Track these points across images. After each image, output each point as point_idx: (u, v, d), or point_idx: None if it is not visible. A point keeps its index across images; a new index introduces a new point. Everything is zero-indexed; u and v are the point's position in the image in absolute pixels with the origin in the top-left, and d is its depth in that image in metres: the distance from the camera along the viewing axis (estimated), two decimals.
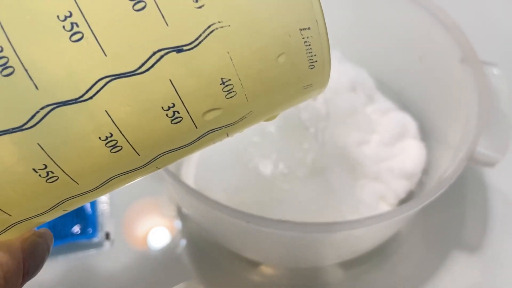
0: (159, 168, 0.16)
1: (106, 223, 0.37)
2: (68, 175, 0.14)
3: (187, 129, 0.14)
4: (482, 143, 0.28)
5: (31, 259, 0.18)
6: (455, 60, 0.33)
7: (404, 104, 0.41)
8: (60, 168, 0.13)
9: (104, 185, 0.15)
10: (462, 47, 0.33)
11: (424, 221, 0.37)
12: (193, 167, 0.38)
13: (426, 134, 0.37)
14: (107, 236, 0.37)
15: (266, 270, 0.35)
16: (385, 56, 0.41)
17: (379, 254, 0.35)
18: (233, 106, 0.14)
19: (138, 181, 0.40)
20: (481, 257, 0.36)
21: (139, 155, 0.14)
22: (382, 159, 0.36)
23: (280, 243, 0.30)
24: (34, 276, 0.18)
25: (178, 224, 0.38)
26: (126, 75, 0.12)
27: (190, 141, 0.15)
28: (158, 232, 0.38)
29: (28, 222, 0.15)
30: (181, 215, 0.38)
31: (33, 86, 0.12)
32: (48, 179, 0.13)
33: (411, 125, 0.38)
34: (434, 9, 0.35)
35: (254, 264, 0.35)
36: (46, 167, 0.13)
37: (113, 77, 0.12)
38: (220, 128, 0.15)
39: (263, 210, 0.34)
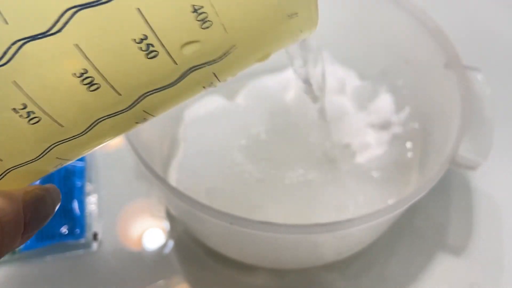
0: (149, 115, 0.15)
1: (94, 224, 0.37)
2: (49, 116, 0.13)
3: (165, 65, 0.13)
4: (464, 147, 0.29)
5: (33, 212, 0.17)
6: (439, 64, 0.34)
7: None
8: (39, 107, 0.13)
9: (91, 129, 0.15)
10: (447, 52, 0.33)
11: (408, 224, 0.37)
12: (175, 169, 0.38)
13: (411, 137, 0.38)
14: (95, 236, 0.37)
15: (255, 271, 0.36)
16: (372, 59, 0.42)
17: (363, 257, 0.36)
18: (212, 38, 0.13)
19: (127, 182, 0.40)
20: (465, 260, 0.36)
21: (120, 95, 0.14)
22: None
23: (263, 245, 0.30)
24: (35, 232, 0.18)
25: (166, 225, 0.38)
26: (92, 4, 0.12)
27: (173, 80, 0.14)
28: (146, 233, 0.38)
29: (24, 169, 0.15)
30: (169, 216, 0.38)
31: (3, 21, 0.12)
32: (30, 119, 0.13)
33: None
34: (419, 13, 0.35)
35: (242, 265, 0.35)
36: (25, 106, 0.13)
37: (79, 7, 0.12)
38: (203, 65, 0.14)
39: (247, 212, 0.34)
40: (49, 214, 0.19)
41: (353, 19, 0.41)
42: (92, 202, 0.39)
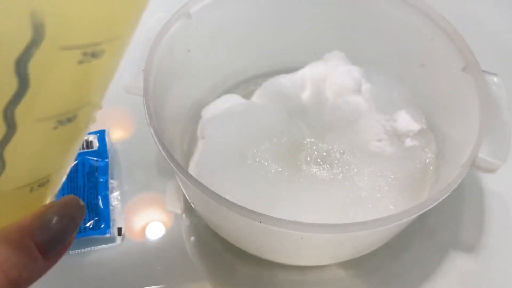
0: None
1: (118, 219, 0.38)
2: None
3: None
4: (483, 150, 0.30)
5: (44, 235, 0.16)
6: (457, 68, 0.35)
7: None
8: None
9: None
10: (464, 56, 0.34)
11: (421, 224, 0.38)
12: (194, 166, 0.39)
13: (427, 140, 0.39)
14: (119, 231, 0.38)
15: (274, 266, 0.37)
16: (387, 62, 0.43)
17: (377, 255, 0.36)
18: None
19: (148, 179, 0.40)
20: (478, 260, 0.37)
21: None
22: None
23: (285, 242, 0.31)
24: (60, 250, 0.17)
25: (186, 221, 0.39)
26: None
27: None
28: (167, 229, 0.39)
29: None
30: (189, 212, 0.39)
31: None
32: None
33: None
34: (437, 17, 0.36)
35: (261, 261, 0.36)
36: None
37: None
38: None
39: (267, 209, 0.35)
40: (67, 229, 0.18)
41: (368, 21, 0.42)
42: (115, 197, 0.40)
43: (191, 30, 0.39)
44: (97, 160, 0.41)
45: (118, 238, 0.38)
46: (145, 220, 0.39)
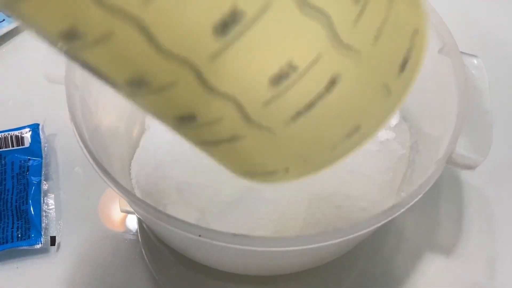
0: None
1: (52, 227, 0.34)
2: None
3: None
4: (461, 143, 0.26)
5: None
6: (432, 49, 0.31)
7: None
8: None
9: None
10: (440, 35, 0.30)
11: (397, 222, 0.35)
12: (137, 160, 0.35)
13: (400, 131, 0.35)
14: (53, 241, 0.33)
15: (226, 276, 0.33)
16: None
17: (351, 255, 0.33)
18: None
19: (89, 179, 0.35)
20: (456, 258, 0.34)
21: None
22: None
23: (236, 256, 0.27)
24: None
25: (133, 226, 0.35)
26: None
27: None
28: (111, 236, 0.34)
29: None
30: (137, 217, 0.35)
31: None
32: None
33: None
34: None
35: (212, 270, 0.32)
36: None
37: None
38: None
39: (219, 209, 0.31)
40: None
41: None
42: (49, 202, 0.35)
43: None
44: (28, 159, 0.36)
45: (52, 249, 0.33)
46: (85, 227, 0.34)
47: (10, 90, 0.41)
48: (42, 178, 0.35)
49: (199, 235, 0.22)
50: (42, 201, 0.34)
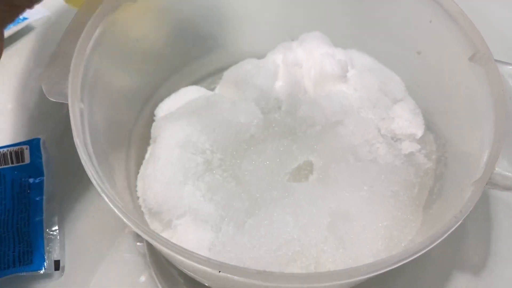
0: None
1: (55, 250, 0.32)
2: None
3: None
4: (501, 162, 0.24)
5: None
6: (462, 57, 0.28)
7: None
8: None
9: None
10: (472, 42, 0.28)
11: None
12: (142, 177, 0.32)
13: (428, 147, 0.32)
14: (57, 266, 0.31)
15: None
16: (376, 47, 0.36)
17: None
18: None
19: (95, 198, 0.33)
20: (485, 278, 0.32)
21: None
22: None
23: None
24: None
25: (142, 248, 0.32)
26: None
27: None
28: (119, 259, 0.32)
29: None
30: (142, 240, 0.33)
31: None
32: None
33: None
34: None
35: None
36: None
37: None
38: None
39: (235, 226, 0.29)
40: None
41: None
42: (52, 223, 0.33)
43: (137, 14, 0.31)
44: (29, 177, 0.34)
45: (56, 274, 0.31)
46: (92, 249, 0.32)
47: (8, 100, 0.39)
48: (44, 197, 0.33)
49: (219, 271, 0.20)
50: (44, 222, 0.32)
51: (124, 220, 0.22)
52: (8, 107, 0.38)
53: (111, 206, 0.22)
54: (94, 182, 0.23)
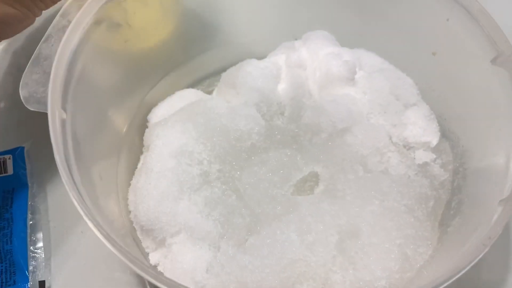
0: None
1: (40, 270, 0.29)
2: None
3: None
4: None
5: None
6: (483, 59, 0.26)
7: None
8: None
9: None
10: (494, 43, 0.25)
11: None
12: (134, 189, 0.30)
13: (444, 157, 0.30)
14: (42, 286, 0.29)
15: None
16: (389, 46, 0.33)
17: None
18: None
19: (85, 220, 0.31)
20: None
21: None
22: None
23: None
24: None
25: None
26: None
27: None
28: (109, 278, 0.30)
29: None
30: None
31: None
32: None
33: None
34: None
35: None
36: None
37: None
38: None
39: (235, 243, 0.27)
40: None
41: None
42: (37, 239, 0.30)
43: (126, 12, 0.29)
44: (12, 189, 0.31)
45: None
46: (80, 268, 0.30)
47: None
48: (29, 211, 0.31)
49: None
50: (28, 239, 0.30)
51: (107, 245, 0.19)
52: None
53: (94, 230, 0.20)
54: (76, 205, 0.20)
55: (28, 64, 0.24)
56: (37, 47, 0.25)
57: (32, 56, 0.24)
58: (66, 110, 0.24)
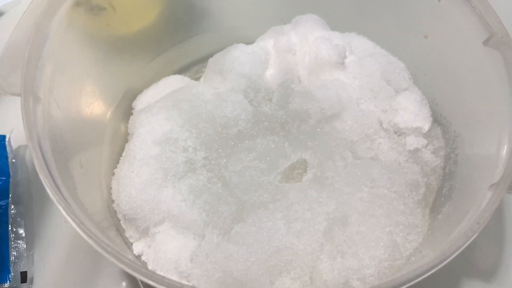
0: None
1: (22, 260, 0.28)
2: None
3: None
4: None
5: None
6: (475, 40, 0.25)
7: None
8: None
9: None
10: (487, 24, 0.25)
11: None
12: (117, 177, 0.29)
13: (436, 143, 0.29)
14: (24, 278, 0.28)
15: None
16: (376, 29, 0.33)
17: None
18: None
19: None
20: (496, 285, 0.29)
21: None
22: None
23: None
24: None
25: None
26: None
27: None
28: (94, 270, 0.29)
29: None
30: None
31: None
32: None
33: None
34: None
35: None
36: None
37: None
38: None
39: (226, 235, 0.26)
40: None
41: None
42: (19, 229, 0.29)
43: None
44: None
45: (24, 287, 0.28)
46: (64, 258, 0.29)
47: None
48: (10, 201, 0.30)
49: None
50: (10, 229, 0.29)
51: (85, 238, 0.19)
52: None
53: (70, 222, 0.19)
54: (52, 196, 0.20)
55: (3, 49, 0.23)
56: (12, 32, 0.24)
57: (7, 41, 0.23)
58: (41, 95, 0.23)
